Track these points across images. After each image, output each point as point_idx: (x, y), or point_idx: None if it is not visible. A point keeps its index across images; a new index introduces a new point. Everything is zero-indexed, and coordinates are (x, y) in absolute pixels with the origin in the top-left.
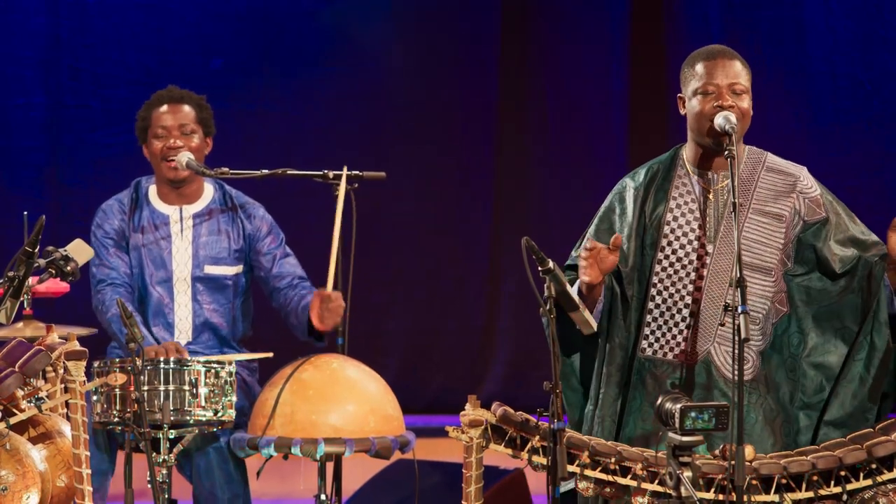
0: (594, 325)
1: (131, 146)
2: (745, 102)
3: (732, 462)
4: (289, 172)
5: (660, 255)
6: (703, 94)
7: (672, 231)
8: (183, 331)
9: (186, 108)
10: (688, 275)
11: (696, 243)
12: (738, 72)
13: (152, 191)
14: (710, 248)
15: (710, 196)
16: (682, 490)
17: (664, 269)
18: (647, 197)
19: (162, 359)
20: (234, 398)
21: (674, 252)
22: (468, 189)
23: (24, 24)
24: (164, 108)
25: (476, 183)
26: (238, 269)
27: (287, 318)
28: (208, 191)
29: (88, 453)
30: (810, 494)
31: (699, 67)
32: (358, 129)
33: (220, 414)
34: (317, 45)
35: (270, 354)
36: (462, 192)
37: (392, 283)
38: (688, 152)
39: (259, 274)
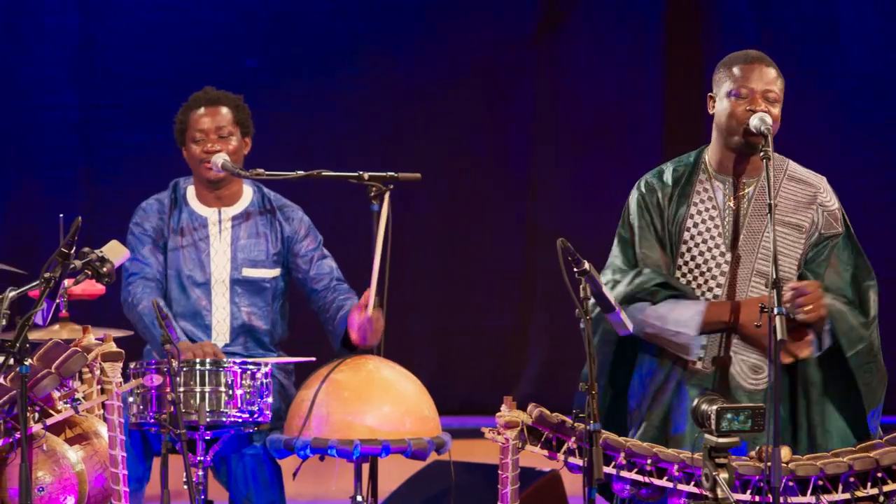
0: (630, 326)
1: (164, 146)
2: (776, 110)
3: (769, 464)
4: (324, 174)
5: (679, 262)
6: (737, 96)
7: (692, 237)
8: (220, 333)
9: (224, 110)
10: (706, 282)
11: (715, 251)
12: (773, 79)
13: (191, 192)
14: (728, 256)
15: (731, 203)
16: (719, 492)
17: (683, 276)
18: (671, 200)
19: (198, 360)
20: (271, 399)
21: (693, 259)
22: (502, 189)
23: (55, 25)
24: (202, 110)
25: (510, 184)
26: (276, 272)
27: (324, 323)
28: (247, 193)
29: (125, 454)
30: (847, 496)
31: (736, 70)
32: (391, 128)
33: (256, 415)
34: (349, 45)
35: (313, 359)
36: (496, 193)
37: (426, 284)
38: (711, 156)
39: (297, 276)
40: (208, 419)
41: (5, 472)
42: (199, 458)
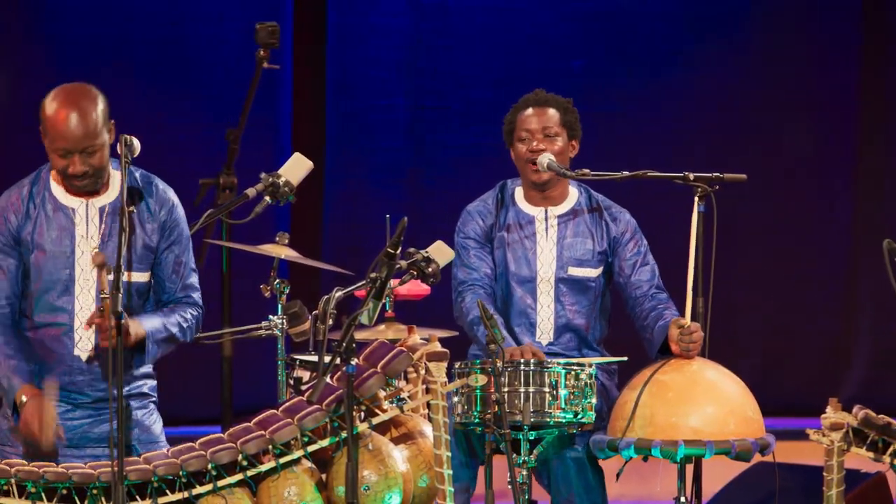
0: None
1: (489, 147)
2: None
3: None
4: (649, 174)
5: None
6: None
7: None
8: (545, 331)
9: (551, 111)
10: None
11: None
12: None
13: (518, 192)
14: None
15: None
16: None
17: None
18: None
19: (522, 360)
20: (594, 400)
21: None
22: (828, 190)
23: (385, 27)
24: (529, 111)
25: (835, 184)
26: (600, 270)
27: (641, 330)
28: (573, 194)
29: (450, 454)
30: None
31: None
32: (714, 129)
33: (580, 416)
34: (669, 47)
35: (625, 359)
36: (821, 193)
37: (749, 284)
38: None
39: (618, 280)
40: (532, 419)
41: (332, 470)
42: (522, 459)
